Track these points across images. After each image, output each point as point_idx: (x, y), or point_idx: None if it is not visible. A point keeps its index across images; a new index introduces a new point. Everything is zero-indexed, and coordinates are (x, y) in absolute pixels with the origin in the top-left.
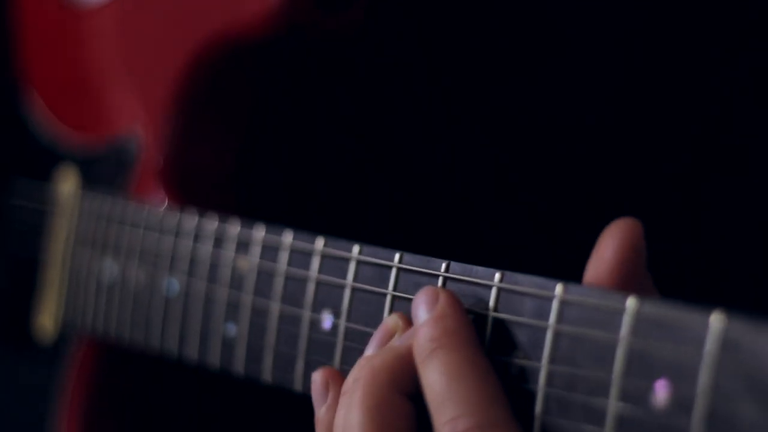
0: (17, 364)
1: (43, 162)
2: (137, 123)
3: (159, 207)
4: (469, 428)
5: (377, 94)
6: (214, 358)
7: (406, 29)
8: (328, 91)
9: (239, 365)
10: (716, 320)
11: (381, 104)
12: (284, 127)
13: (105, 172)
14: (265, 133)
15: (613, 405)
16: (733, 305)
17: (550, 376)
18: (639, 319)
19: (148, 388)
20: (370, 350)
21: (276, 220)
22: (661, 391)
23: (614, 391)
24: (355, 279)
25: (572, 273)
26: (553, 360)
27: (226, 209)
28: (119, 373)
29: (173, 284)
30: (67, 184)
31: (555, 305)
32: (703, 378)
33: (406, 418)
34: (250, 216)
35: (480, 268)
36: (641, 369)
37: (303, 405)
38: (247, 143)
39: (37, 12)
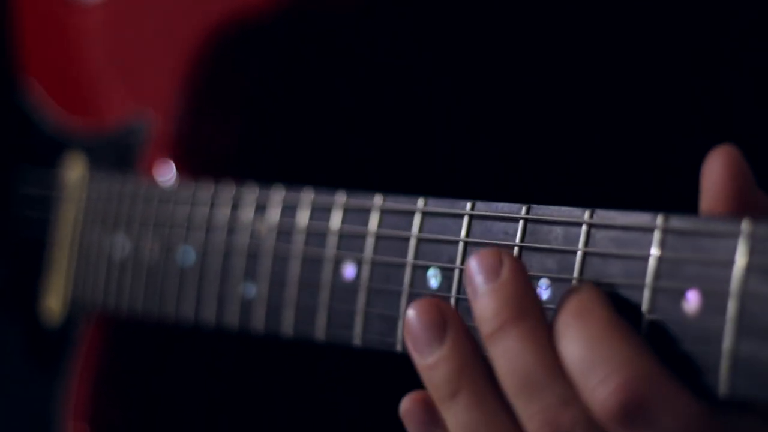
0: (24, 347)
1: (49, 150)
2: (146, 105)
3: (171, 182)
4: (626, 380)
5: (378, 75)
6: (233, 319)
7: (406, 10)
8: (331, 70)
9: (259, 323)
10: (746, 227)
11: (382, 84)
12: (288, 106)
13: (112, 156)
14: (269, 111)
15: (645, 315)
16: None
17: None
18: (668, 234)
19: (156, 368)
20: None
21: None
22: (693, 299)
23: (646, 302)
24: (380, 227)
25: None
26: (583, 280)
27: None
28: (127, 353)
29: (189, 253)
30: (74, 170)
31: (583, 230)
32: (735, 283)
33: None
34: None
35: (505, 204)
36: (672, 282)
37: (311, 393)
38: (253, 120)
39: (37, 2)
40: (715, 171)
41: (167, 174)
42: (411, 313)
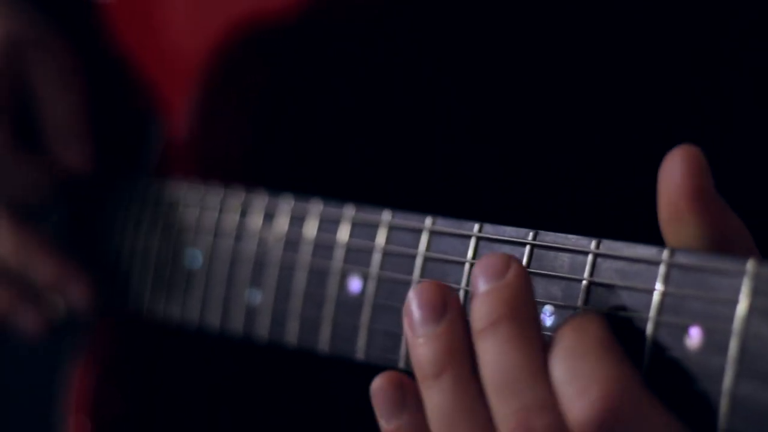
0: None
1: None
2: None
3: (182, 184)
4: (605, 395)
5: (393, 83)
6: (237, 325)
7: (424, 18)
8: (344, 78)
9: (263, 330)
10: (751, 268)
11: (396, 93)
12: (301, 109)
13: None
14: (282, 117)
15: (647, 348)
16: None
17: None
18: (673, 269)
19: (158, 364)
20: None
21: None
22: (695, 335)
23: (649, 336)
24: (387, 243)
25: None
26: (587, 310)
27: (248, 187)
28: (130, 348)
29: (196, 256)
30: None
31: (589, 259)
32: (738, 322)
33: None
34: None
35: (512, 228)
36: (675, 317)
37: (311, 391)
38: (266, 125)
39: None
40: (675, 170)
41: (178, 175)
42: (415, 290)
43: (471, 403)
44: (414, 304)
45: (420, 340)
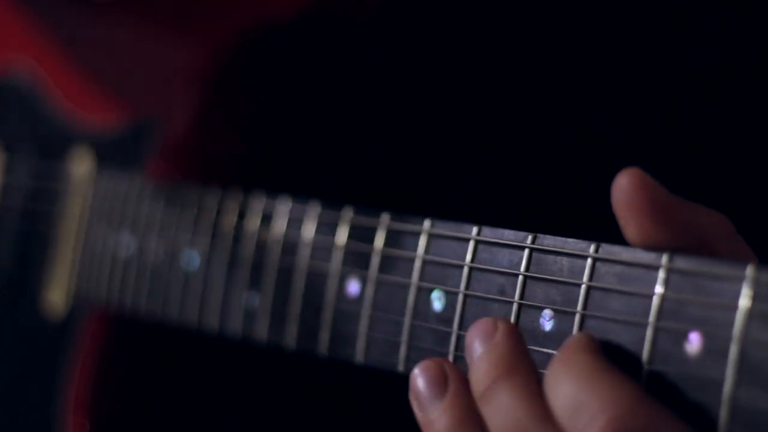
0: (26, 340)
1: (56, 143)
2: (158, 106)
3: (178, 185)
4: (613, 418)
5: (392, 85)
6: (236, 327)
7: (423, 20)
8: (343, 80)
9: (262, 333)
10: (751, 273)
11: (395, 95)
12: (298, 111)
13: (120, 154)
14: (279, 118)
15: (646, 354)
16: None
17: (583, 329)
18: (672, 274)
19: (156, 364)
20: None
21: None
22: (695, 341)
23: (648, 341)
24: (385, 246)
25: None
26: (586, 314)
27: (244, 188)
28: (128, 348)
29: (194, 257)
30: (81, 165)
31: (588, 263)
32: (738, 328)
33: None
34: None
35: (511, 231)
36: (675, 322)
37: (310, 389)
38: (263, 127)
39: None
40: (624, 188)
41: (174, 175)
42: (415, 371)
43: None
44: (417, 384)
45: (429, 419)
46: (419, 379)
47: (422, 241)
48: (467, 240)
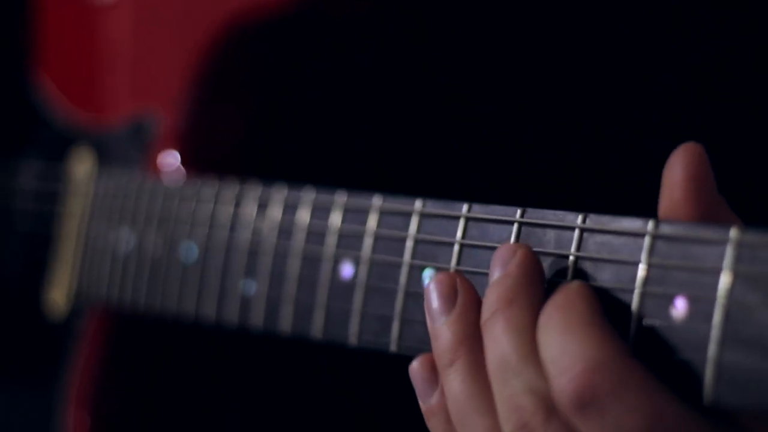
0: (29, 339)
1: (57, 144)
2: (155, 102)
3: (178, 178)
4: (584, 370)
5: (384, 75)
6: (233, 316)
7: (416, 13)
8: (337, 70)
9: (257, 320)
10: (734, 235)
11: (387, 85)
12: (295, 103)
13: (120, 151)
14: (275, 109)
15: (634, 320)
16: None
17: None
18: (658, 241)
19: (157, 360)
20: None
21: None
22: (681, 306)
23: (635, 307)
24: (378, 227)
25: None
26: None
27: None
28: (129, 345)
29: (192, 249)
30: (81, 165)
31: (576, 234)
32: (722, 290)
33: None
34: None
35: (501, 207)
36: (661, 287)
37: (309, 386)
38: (259, 119)
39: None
40: (677, 172)
41: (173, 170)
42: (430, 285)
43: (481, 390)
44: (430, 296)
45: (437, 327)
46: (432, 292)
47: (414, 221)
48: (458, 218)
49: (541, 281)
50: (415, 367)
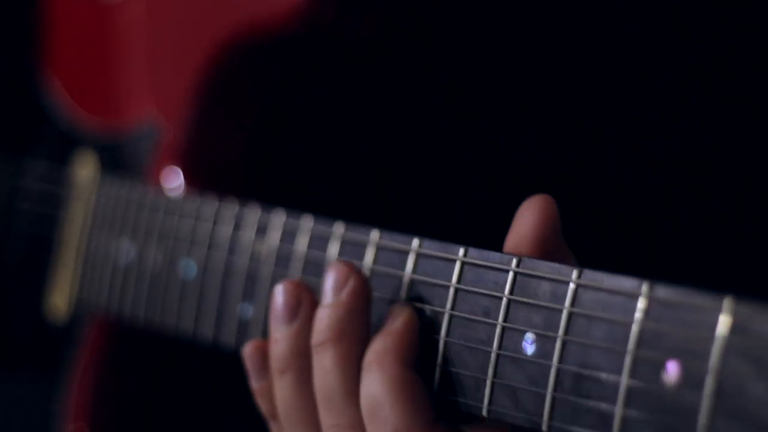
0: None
1: (61, 147)
2: (159, 111)
3: (178, 192)
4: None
5: (389, 94)
6: (230, 338)
7: (421, 33)
8: (341, 87)
9: None
10: (728, 305)
11: (392, 104)
12: (297, 120)
13: (124, 158)
14: (278, 124)
15: (624, 381)
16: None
17: (565, 354)
18: (652, 303)
19: (156, 371)
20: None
21: (289, 208)
22: (673, 370)
23: (626, 369)
24: (374, 263)
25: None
26: (567, 339)
27: (243, 196)
28: (128, 355)
29: (191, 266)
30: (85, 169)
31: (570, 289)
32: (714, 359)
33: None
34: (263, 203)
35: (497, 254)
36: (653, 351)
37: None
38: (262, 134)
39: (64, 1)
40: (527, 218)
41: (174, 183)
42: (278, 287)
43: (307, 404)
44: (276, 302)
45: (274, 336)
46: (278, 297)
47: (410, 260)
48: (454, 261)
49: (369, 312)
50: (248, 352)
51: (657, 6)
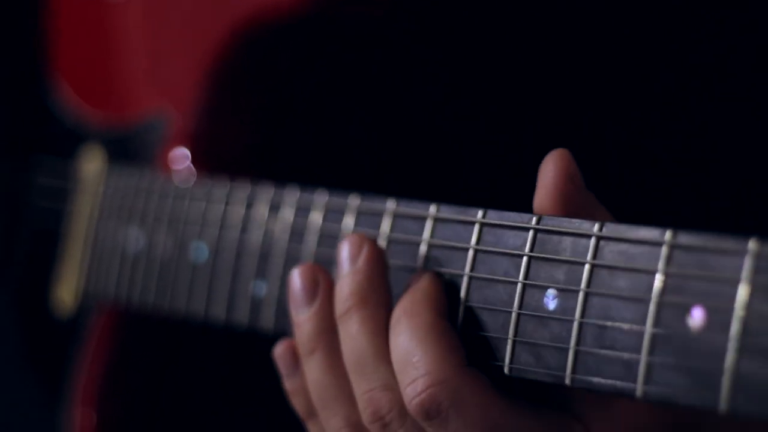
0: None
1: (67, 142)
2: (167, 100)
3: (188, 177)
4: (428, 386)
5: (398, 78)
6: (242, 317)
7: (430, 16)
8: (350, 72)
9: (268, 322)
10: (753, 246)
11: (401, 88)
12: (306, 106)
13: (131, 150)
14: (287, 111)
15: (649, 329)
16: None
17: (587, 308)
18: (675, 250)
19: (164, 359)
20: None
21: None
22: (698, 315)
23: (651, 317)
24: (392, 231)
25: None
26: (589, 292)
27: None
28: (136, 343)
29: (202, 249)
30: (91, 163)
31: (592, 242)
32: (740, 301)
33: None
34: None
35: (515, 214)
36: (678, 297)
37: None
38: (271, 120)
39: None
40: (549, 173)
41: (184, 170)
42: (294, 272)
43: (339, 380)
44: (293, 286)
45: (298, 319)
46: (295, 282)
47: (428, 226)
48: (472, 223)
49: (387, 277)
50: (279, 351)
51: (657, 6)
